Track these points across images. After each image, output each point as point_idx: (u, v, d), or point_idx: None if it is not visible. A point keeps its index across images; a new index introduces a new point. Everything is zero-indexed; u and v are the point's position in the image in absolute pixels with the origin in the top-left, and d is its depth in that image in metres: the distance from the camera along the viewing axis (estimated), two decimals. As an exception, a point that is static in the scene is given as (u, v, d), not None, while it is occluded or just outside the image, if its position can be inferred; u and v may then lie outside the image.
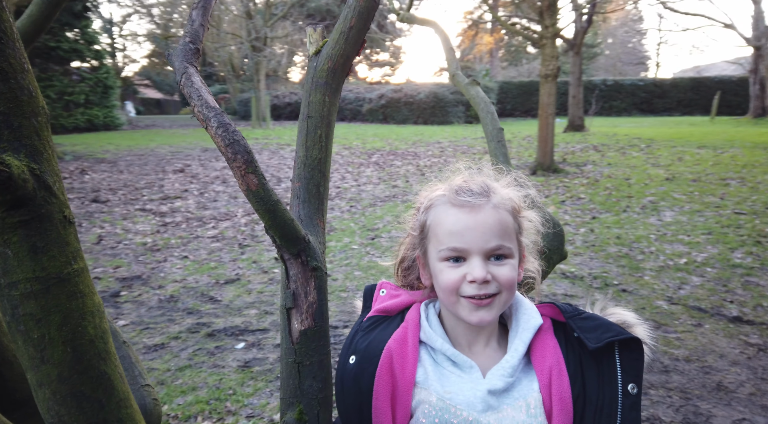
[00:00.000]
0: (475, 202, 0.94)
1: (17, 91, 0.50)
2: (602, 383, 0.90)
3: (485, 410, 0.90)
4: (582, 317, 0.96)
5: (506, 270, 0.92)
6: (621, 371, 0.90)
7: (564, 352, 0.94)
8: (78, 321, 0.55)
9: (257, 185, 0.85)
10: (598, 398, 0.89)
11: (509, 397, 0.91)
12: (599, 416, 0.88)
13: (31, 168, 0.51)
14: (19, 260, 0.51)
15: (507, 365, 0.93)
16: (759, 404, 2.70)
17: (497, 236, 0.92)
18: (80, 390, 0.55)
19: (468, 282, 0.92)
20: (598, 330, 0.93)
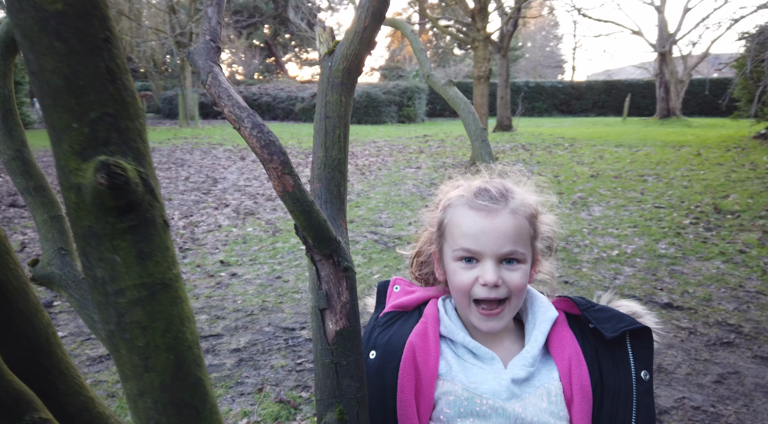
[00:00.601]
0: (492, 206, 0.97)
1: (123, 93, 0.48)
2: (617, 371, 0.96)
3: (510, 398, 0.94)
4: (596, 309, 1.02)
5: (517, 276, 0.96)
6: (633, 359, 0.96)
7: (580, 342, 1.00)
8: (179, 327, 0.53)
9: (294, 186, 0.85)
10: (614, 385, 0.94)
11: (530, 386, 0.96)
12: (617, 402, 0.94)
13: (139, 171, 0.49)
14: (127, 266, 0.49)
15: (528, 356, 0.98)
16: (695, 383, 2.96)
17: (511, 242, 0.95)
18: (180, 398, 0.54)
19: (480, 284, 0.95)
20: (613, 321, 0.99)
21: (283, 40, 39.25)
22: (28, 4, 0.43)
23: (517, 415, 0.92)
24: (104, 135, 0.47)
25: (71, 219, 0.49)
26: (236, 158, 12.18)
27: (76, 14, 0.45)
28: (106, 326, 0.51)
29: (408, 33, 2.15)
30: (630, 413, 0.93)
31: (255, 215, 7.00)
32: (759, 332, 3.48)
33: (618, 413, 0.93)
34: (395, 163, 11.44)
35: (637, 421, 0.93)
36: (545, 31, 56.01)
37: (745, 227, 5.84)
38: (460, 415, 0.95)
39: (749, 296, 4.05)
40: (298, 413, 2.73)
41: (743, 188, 7.67)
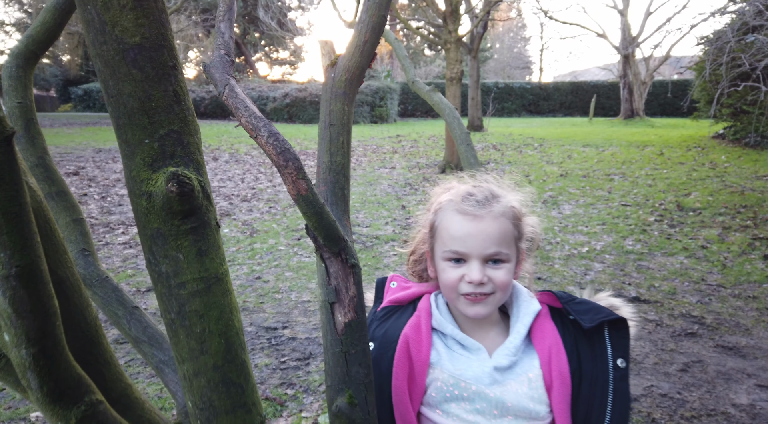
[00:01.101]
0: (477, 212, 1.05)
1: (186, 112, 0.56)
2: (595, 359, 1.04)
3: (492, 384, 1.03)
4: (576, 302, 1.12)
5: (501, 274, 1.04)
6: (611, 348, 1.05)
7: (561, 333, 1.08)
8: (229, 315, 0.61)
9: (307, 190, 0.92)
10: (592, 372, 1.03)
11: (513, 373, 1.05)
12: (594, 388, 1.02)
13: (199, 180, 0.57)
14: (188, 262, 0.57)
15: (510, 346, 1.07)
16: (662, 371, 3.13)
17: (495, 244, 1.03)
18: (229, 377, 0.61)
19: (466, 282, 1.04)
20: (591, 312, 1.08)
21: (253, 39, 38.85)
22: (112, 38, 0.50)
23: (498, 399, 1.01)
24: (171, 149, 0.54)
25: (139, 222, 0.56)
26: (209, 159, 12.06)
27: (152, 46, 0.52)
28: (167, 315, 0.58)
29: (392, 40, 2.23)
30: (606, 397, 1.02)
31: (231, 216, 6.99)
32: (720, 323, 3.69)
33: (595, 398, 1.02)
34: (370, 163, 11.52)
35: (612, 405, 1.02)
36: (513, 33, 56.91)
37: (706, 223, 6.13)
38: (446, 399, 1.04)
39: (711, 289, 4.28)
40: (284, 410, 2.79)
41: (704, 186, 8.02)
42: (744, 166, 9.57)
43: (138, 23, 0.51)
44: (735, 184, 8.01)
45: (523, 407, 1.02)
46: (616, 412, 1.01)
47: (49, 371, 0.58)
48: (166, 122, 0.54)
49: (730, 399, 2.82)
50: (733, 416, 2.67)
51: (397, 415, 1.05)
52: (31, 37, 1.03)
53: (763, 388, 2.91)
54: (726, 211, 6.56)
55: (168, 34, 0.53)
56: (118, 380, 0.75)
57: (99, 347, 0.72)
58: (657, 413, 2.70)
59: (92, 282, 0.96)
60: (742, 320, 3.73)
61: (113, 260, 5.23)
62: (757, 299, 4.04)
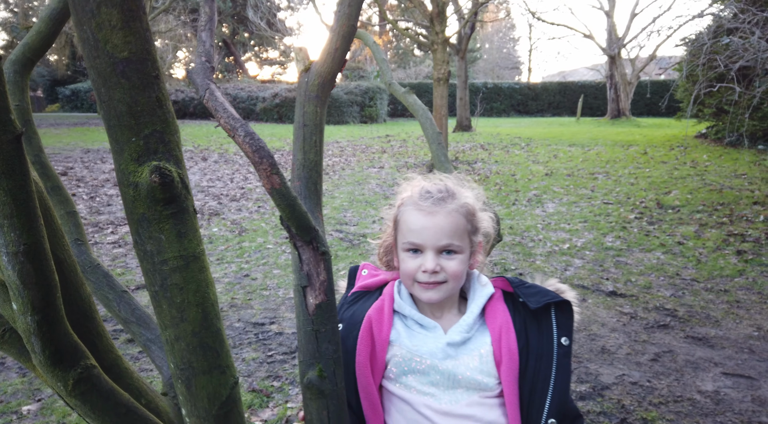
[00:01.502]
0: (432, 208, 1.16)
1: (167, 115, 0.66)
2: (541, 337, 1.15)
3: (444, 358, 1.14)
4: (526, 286, 1.23)
5: (454, 264, 1.16)
6: (556, 327, 1.17)
7: (512, 314, 1.20)
8: (205, 289, 0.71)
9: (280, 184, 1.02)
10: (538, 349, 1.14)
11: (466, 349, 1.16)
12: (539, 362, 1.13)
13: (179, 173, 0.67)
14: (169, 242, 0.67)
15: (464, 324, 1.18)
16: (634, 361, 3.26)
17: (448, 236, 1.15)
18: (206, 342, 0.71)
19: (421, 271, 1.15)
20: (538, 295, 1.20)
21: (242, 38, 38.78)
22: (104, 53, 0.60)
23: (450, 372, 1.13)
24: (154, 146, 0.65)
25: (127, 208, 0.67)
26: (198, 159, 12.10)
27: (138, 59, 0.62)
28: (152, 288, 0.69)
29: (371, 44, 2.33)
30: (550, 371, 1.13)
31: (220, 215, 7.06)
32: (692, 315, 3.84)
33: (540, 372, 1.13)
34: (358, 163, 11.62)
35: (555, 378, 1.13)
36: (502, 33, 57.24)
37: (684, 220, 6.30)
38: (404, 372, 1.16)
39: (685, 283, 4.43)
40: (270, 401, 2.88)
41: (684, 185, 8.20)
42: (724, 165, 9.79)
43: (126, 41, 0.61)
44: (714, 183, 8.21)
45: (473, 379, 1.13)
46: (558, 384, 1.13)
47: (50, 336, 0.67)
48: (150, 123, 0.64)
49: (696, 386, 2.95)
50: (699, 402, 2.81)
51: (360, 388, 1.16)
52: (28, 45, 1.12)
53: (728, 376, 3.05)
54: (704, 208, 6.74)
55: (152, 49, 0.64)
56: (109, 351, 0.85)
57: (92, 321, 0.81)
58: (627, 400, 2.83)
59: (85, 269, 1.05)
60: (713, 312, 3.88)
61: (103, 259, 5.28)
62: (728, 292, 4.20)
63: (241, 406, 0.82)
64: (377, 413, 1.17)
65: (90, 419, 0.77)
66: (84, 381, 0.72)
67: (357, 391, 1.16)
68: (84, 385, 0.72)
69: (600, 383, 3.02)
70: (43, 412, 2.79)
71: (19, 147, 0.58)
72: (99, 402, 0.75)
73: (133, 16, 0.61)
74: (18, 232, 0.59)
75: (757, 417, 2.67)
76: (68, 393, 0.72)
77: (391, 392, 1.16)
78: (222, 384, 0.75)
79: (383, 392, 1.18)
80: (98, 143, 14.53)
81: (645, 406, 2.78)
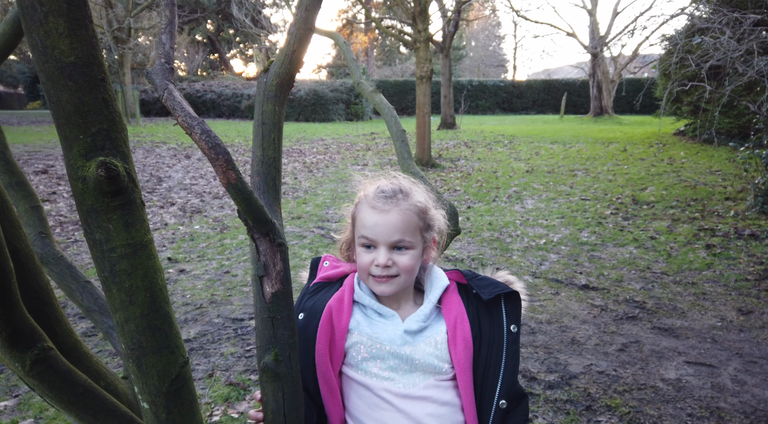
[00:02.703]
0: (384, 206, 1.23)
1: (113, 114, 0.71)
2: (492, 325, 1.24)
3: (403, 344, 1.22)
4: (478, 279, 1.31)
5: (405, 259, 1.22)
6: (506, 316, 1.25)
7: (465, 304, 1.28)
8: (153, 275, 0.77)
9: (236, 179, 1.07)
10: (490, 336, 1.23)
11: (422, 336, 1.24)
12: (491, 349, 1.22)
13: (125, 167, 0.73)
14: (117, 231, 0.72)
15: (421, 314, 1.26)
16: (602, 351, 3.37)
17: (399, 232, 1.21)
18: (154, 323, 0.77)
19: (375, 265, 1.22)
20: (490, 287, 1.28)
21: (227, 35, 38.53)
22: (52, 58, 0.66)
23: (408, 356, 1.20)
24: (101, 143, 0.70)
25: (77, 200, 0.72)
26: (181, 157, 12.05)
27: (83, 64, 0.68)
28: (102, 274, 0.74)
29: (341, 44, 2.39)
30: (501, 356, 1.22)
31: (202, 212, 7.07)
32: (659, 307, 3.96)
33: (492, 358, 1.22)
34: (342, 160, 11.66)
35: (506, 362, 1.22)
36: (488, 31, 57.48)
37: (658, 215, 6.44)
38: (365, 359, 1.23)
39: (655, 277, 4.55)
40: (248, 394, 2.93)
41: (660, 181, 8.37)
42: (700, 162, 10.00)
43: (72, 47, 0.67)
44: (689, 179, 8.39)
45: (429, 363, 1.20)
46: (508, 368, 1.21)
47: (7, 319, 0.73)
48: (97, 122, 0.69)
49: (660, 375, 3.06)
50: (661, 389, 2.92)
51: (319, 374, 1.22)
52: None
53: (690, 364, 3.17)
54: (677, 204, 6.90)
55: (97, 54, 0.69)
56: (68, 335, 0.90)
57: (51, 306, 0.87)
58: (593, 388, 2.93)
59: (49, 260, 1.10)
60: (680, 304, 4.00)
61: (82, 256, 5.28)
62: (695, 285, 4.33)
63: (192, 384, 0.88)
64: (335, 398, 1.24)
65: (48, 398, 0.82)
66: (41, 362, 0.78)
67: (314, 377, 1.22)
68: (41, 365, 0.78)
69: (568, 372, 3.11)
70: (20, 407, 2.81)
71: (-28, 144, 0.63)
72: (56, 382, 0.80)
73: (79, 25, 0.67)
74: (-27, 221, 0.65)
75: (716, 403, 2.78)
76: (26, 373, 0.78)
77: (351, 377, 1.23)
78: (171, 363, 0.81)
79: (343, 379, 1.25)
80: (80, 141, 14.37)
81: (610, 394, 2.88)
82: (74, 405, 0.83)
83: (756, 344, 3.41)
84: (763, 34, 5.40)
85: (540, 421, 2.68)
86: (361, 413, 1.20)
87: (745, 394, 2.86)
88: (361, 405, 1.23)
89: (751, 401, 2.79)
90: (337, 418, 1.23)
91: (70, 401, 0.82)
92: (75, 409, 0.83)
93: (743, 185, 7.60)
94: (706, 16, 6.82)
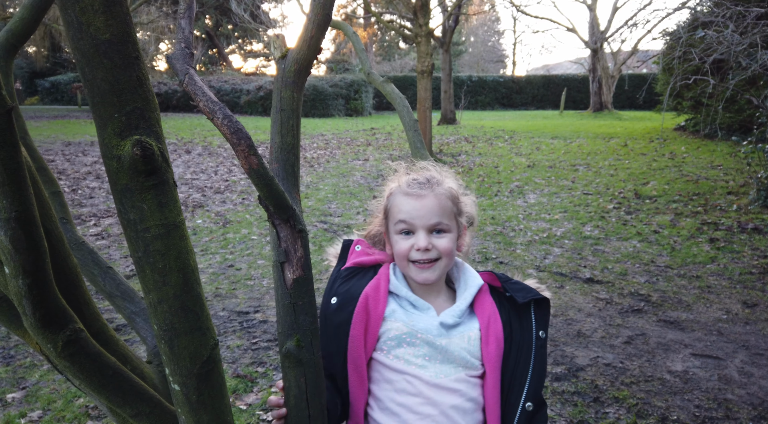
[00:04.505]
0: (420, 192, 1.27)
1: (147, 93, 0.71)
2: (523, 330, 1.26)
3: (438, 336, 1.23)
4: (512, 282, 1.32)
5: (444, 241, 1.25)
6: (535, 322, 1.27)
7: (498, 306, 1.29)
8: (185, 256, 0.77)
9: (258, 164, 1.07)
10: (520, 340, 1.25)
11: (456, 331, 1.25)
12: (520, 352, 1.24)
13: (158, 147, 0.72)
14: (151, 211, 0.72)
15: (456, 309, 1.27)
16: (608, 344, 3.38)
17: (437, 215, 1.24)
18: (187, 305, 0.77)
19: (415, 250, 1.24)
20: (523, 291, 1.29)
21: (226, 31, 38.40)
22: (87, 35, 0.65)
23: (443, 347, 1.22)
24: (135, 122, 0.70)
25: (111, 180, 0.72)
26: (182, 152, 12.03)
27: (119, 41, 0.67)
28: (135, 254, 0.74)
29: (350, 34, 2.38)
30: (529, 360, 1.25)
31: (204, 207, 7.06)
32: (664, 300, 3.97)
33: (520, 360, 1.24)
34: (343, 155, 11.65)
35: (533, 366, 1.24)
36: (487, 27, 57.35)
37: (660, 210, 6.45)
38: (398, 345, 1.24)
39: (659, 270, 4.56)
40: (255, 386, 2.94)
41: (662, 176, 8.38)
42: (701, 157, 10.00)
43: (108, 23, 0.66)
44: (691, 174, 8.40)
45: (462, 357, 1.23)
46: (535, 371, 1.24)
47: (41, 299, 0.73)
48: (132, 101, 0.69)
49: (666, 367, 3.07)
50: (668, 381, 2.92)
51: (350, 359, 1.23)
52: (11, 31, 1.16)
53: (697, 356, 3.18)
54: (680, 198, 6.90)
55: (131, 31, 0.69)
56: (95, 319, 0.90)
57: (79, 289, 0.87)
58: (600, 380, 2.94)
59: (71, 246, 1.10)
60: (685, 297, 4.01)
61: (85, 250, 5.27)
62: (699, 278, 4.34)
63: (221, 367, 0.88)
64: (363, 384, 1.25)
65: (78, 380, 0.82)
66: (72, 343, 0.77)
67: (344, 363, 1.22)
68: (72, 347, 0.78)
69: (575, 364, 3.12)
70: (27, 399, 2.81)
71: (10, 120, 0.63)
72: (87, 364, 0.80)
73: (113, 1, 0.66)
74: (9, 199, 0.64)
75: (723, 394, 2.79)
76: (57, 354, 0.77)
77: (382, 363, 1.23)
78: (203, 345, 0.81)
79: (372, 364, 1.26)
80: (79, 136, 14.36)
81: (617, 386, 2.89)
82: (104, 387, 0.82)
83: (762, 336, 3.42)
84: (767, 27, 5.39)
85: (548, 413, 2.69)
86: (387, 398, 1.21)
87: (752, 385, 2.87)
88: (388, 389, 1.24)
89: (758, 392, 2.80)
90: (361, 404, 1.24)
91: (100, 383, 0.82)
92: (105, 391, 0.83)
93: (745, 180, 7.61)
94: (708, 10, 6.81)
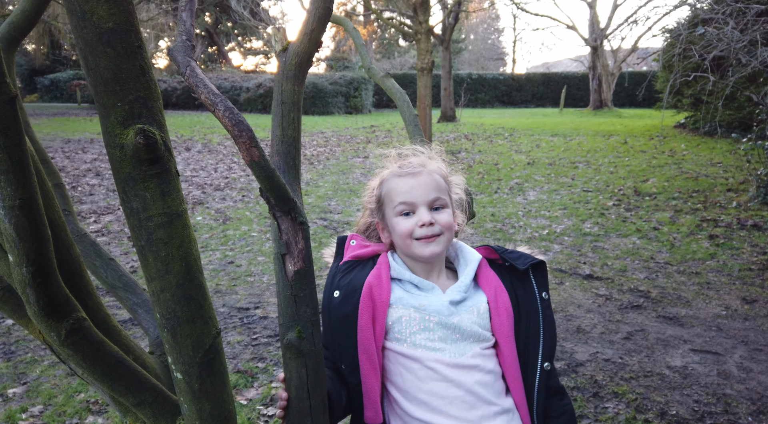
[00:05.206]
0: (414, 170, 1.30)
1: (150, 82, 0.71)
2: (527, 294, 1.28)
3: (450, 315, 1.24)
4: (509, 252, 1.34)
5: (445, 216, 1.27)
6: (536, 285, 1.29)
7: (500, 277, 1.30)
8: (188, 244, 0.77)
9: (259, 157, 1.07)
10: (527, 304, 1.27)
11: (464, 306, 1.26)
12: (529, 316, 1.26)
13: (161, 136, 0.73)
14: (154, 200, 0.72)
15: (461, 284, 1.29)
16: (607, 340, 3.39)
17: (435, 191, 1.27)
18: (189, 294, 0.77)
19: (418, 227, 1.25)
20: (521, 258, 1.31)
21: (226, 28, 38.34)
22: (90, 23, 0.66)
23: (455, 325, 1.23)
24: (138, 111, 0.70)
25: (114, 168, 0.72)
26: (181, 149, 12.02)
27: (121, 30, 0.68)
28: (138, 243, 0.75)
29: (350, 29, 2.38)
30: (538, 322, 1.27)
31: (204, 204, 7.06)
32: (664, 296, 3.97)
33: (531, 324, 1.27)
34: (343, 153, 11.65)
35: (543, 327, 1.26)
36: (487, 24, 57.26)
37: (660, 206, 6.45)
38: (413, 332, 1.24)
39: (658, 267, 4.57)
40: (255, 381, 2.95)
41: (661, 173, 8.38)
42: (701, 154, 10.00)
43: (111, 12, 0.66)
44: (690, 171, 8.40)
45: (475, 331, 1.24)
46: (546, 331, 1.26)
47: (44, 287, 0.73)
48: (135, 90, 0.69)
49: (666, 362, 3.08)
50: (667, 376, 2.93)
51: (360, 349, 1.23)
52: (13, 24, 1.16)
53: (696, 352, 3.18)
54: (679, 195, 6.91)
55: (134, 21, 0.69)
56: (98, 308, 0.91)
57: (82, 279, 0.87)
58: (599, 376, 2.94)
59: (73, 237, 1.10)
60: (684, 293, 4.02)
61: (85, 247, 5.28)
62: (699, 275, 4.34)
63: (223, 356, 0.88)
64: (376, 373, 1.25)
65: (81, 369, 0.83)
66: (76, 331, 0.78)
67: (353, 354, 1.23)
68: (76, 335, 0.78)
69: (575, 360, 3.13)
70: (28, 394, 2.82)
71: (14, 108, 0.63)
72: (90, 352, 0.81)
73: (117, -10, 0.67)
74: (14, 187, 0.65)
75: (722, 390, 2.80)
76: (61, 343, 0.78)
77: (398, 352, 1.24)
78: (205, 333, 0.81)
79: (386, 354, 1.26)
80: (79, 133, 14.35)
81: (617, 381, 2.90)
82: (107, 376, 0.83)
83: (761, 332, 3.42)
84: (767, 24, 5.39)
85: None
86: (412, 387, 1.21)
87: (751, 381, 2.87)
88: (411, 379, 1.24)
89: (757, 387, 2.81)
90: (375, 394, 1.24)
91: (103, 371, 0.83)
92: (108, 380, 0.83)
93: (745, 177, 7.61)
94: (708, 7, 6.80)
